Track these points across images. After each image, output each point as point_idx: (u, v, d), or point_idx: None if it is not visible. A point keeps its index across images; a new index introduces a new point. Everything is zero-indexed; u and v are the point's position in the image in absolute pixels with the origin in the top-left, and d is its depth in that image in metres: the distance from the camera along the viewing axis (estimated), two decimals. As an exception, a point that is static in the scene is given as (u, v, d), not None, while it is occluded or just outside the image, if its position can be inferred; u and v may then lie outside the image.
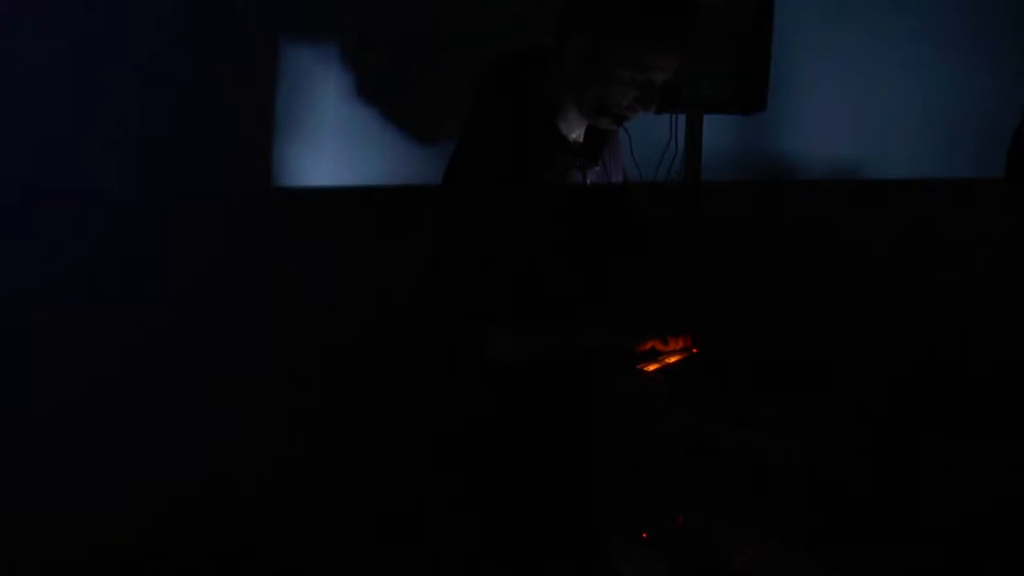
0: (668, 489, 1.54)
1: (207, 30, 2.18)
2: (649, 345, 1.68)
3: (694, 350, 1.69)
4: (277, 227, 2.38)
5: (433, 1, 2.48)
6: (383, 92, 2.47)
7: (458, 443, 1.80)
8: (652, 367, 1.59)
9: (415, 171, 2.44)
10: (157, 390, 2.24)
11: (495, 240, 1.63)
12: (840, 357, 1.70)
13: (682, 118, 2.74)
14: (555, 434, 1.76)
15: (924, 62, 2.81)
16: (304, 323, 2.46)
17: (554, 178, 1.72)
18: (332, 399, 2.53)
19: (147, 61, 2.11)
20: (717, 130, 2.85)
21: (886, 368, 1.68)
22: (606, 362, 1.64)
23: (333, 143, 2.41)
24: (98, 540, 2.17)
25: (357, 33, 2.43)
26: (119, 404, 2.18)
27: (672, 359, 1.64)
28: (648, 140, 1.95)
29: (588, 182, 1.79)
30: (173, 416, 2.27)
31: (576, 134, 1.79)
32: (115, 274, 2.13)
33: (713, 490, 1.47)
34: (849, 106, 2.95)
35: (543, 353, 1.70)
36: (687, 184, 2.75)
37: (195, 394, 2.30)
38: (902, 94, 2.87)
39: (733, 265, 2.58)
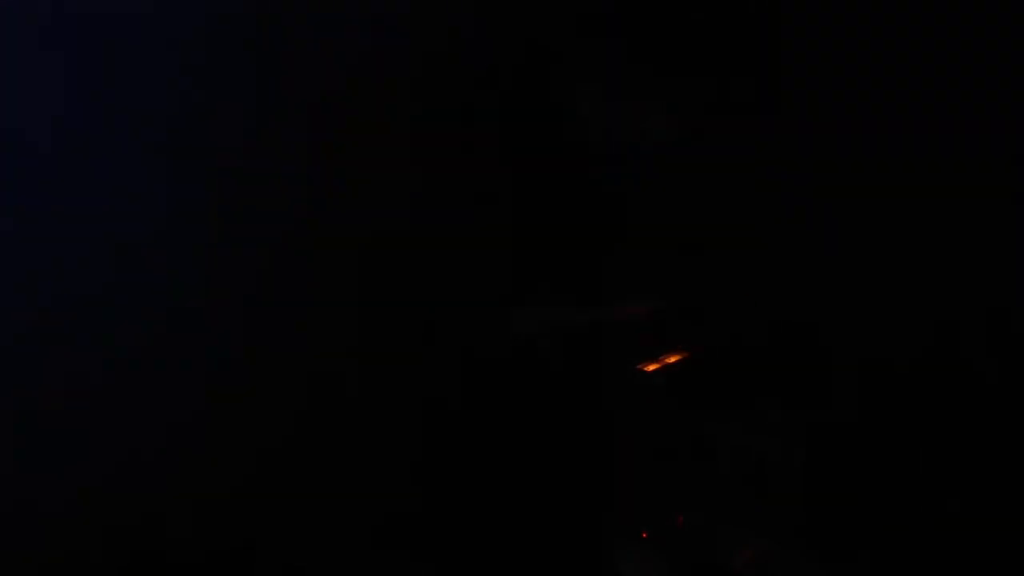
0: (668, 489, 1.54)
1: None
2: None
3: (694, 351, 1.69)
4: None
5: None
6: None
7: (458, 443, 1.80)
8: (652, 367, 1.59)
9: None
10: (157, 390, 2.23)
11: None
12: (840, 357, 1.70)
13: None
14: (555, 434, 1.76)
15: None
16: (303, 323, 2.45)
17: None
18: (331, 399, 2.52)
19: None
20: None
21: (886, 368, 1.68)
22: (607, 362, 1.64)
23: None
24: (98, 541, 2.16)
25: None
26: (118, 405, 2.17)
27: (672, 359, 1.64)
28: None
29: None
30: (172, 417, 2.27)
31: None
32: (117, 273, 2.13)
33: (713, 490, 1.47)
34: (853, 106, 2.94)
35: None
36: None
37: (195, 395, 2.29)
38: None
39: (736, 265, 2.57)
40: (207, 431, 2.37)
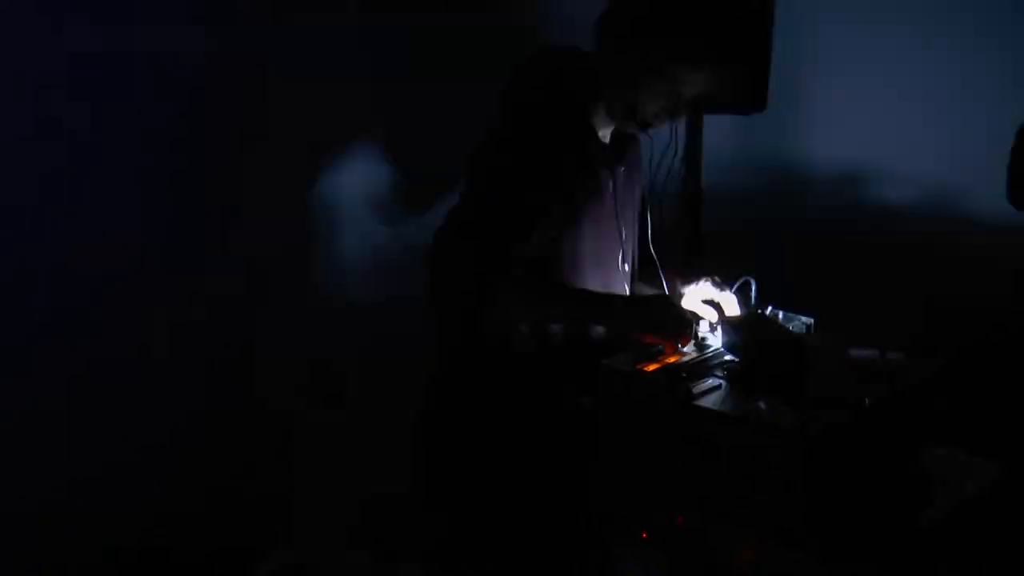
0: (668, 489, 1.54)
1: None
2: (648, 340, 1.67)
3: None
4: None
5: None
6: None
7: (458, 443, 1.80)
8: (652, 367, 1.59)
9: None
10: (158, 390, 2.24)
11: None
12: (840, 357, 1.70)
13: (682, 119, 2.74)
14: (555, 434, 1.76)
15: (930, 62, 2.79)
16: (301, 322, 2.46)
17: (586, 169, 1.77)
18: (331, 398, 2.53)
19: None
20: (717, 130, 2.85)
21: (887, 368, 1.67)
22: (603, 356, 1.63)
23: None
24: (98, 541, 2.16)
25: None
26: (118, 403, 2.17)
27: (672, 359, 1.63)
28: (647, 140, 1.95)
29: (614, 179, 1.84)
30: (173, 416, 2.27)
31: (603, 133, 1.84)
32: (118, 272, 2.13)
33: (713, 490, 1.46)
34: (852, 106, 2.94)
35: (542, 321, 1.71)
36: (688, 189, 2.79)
37: (195, 394, 2.30)
38: (906, 94, 2.85)
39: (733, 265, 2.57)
40: (207, 430, 2.36)
